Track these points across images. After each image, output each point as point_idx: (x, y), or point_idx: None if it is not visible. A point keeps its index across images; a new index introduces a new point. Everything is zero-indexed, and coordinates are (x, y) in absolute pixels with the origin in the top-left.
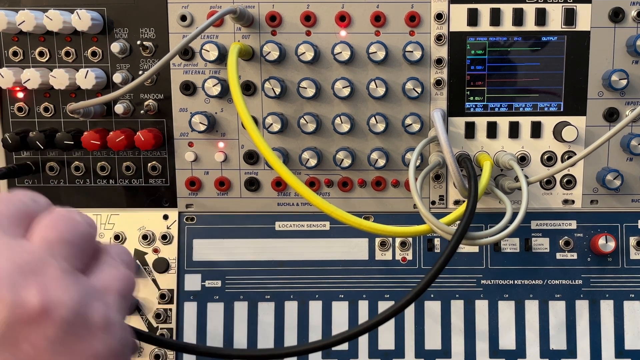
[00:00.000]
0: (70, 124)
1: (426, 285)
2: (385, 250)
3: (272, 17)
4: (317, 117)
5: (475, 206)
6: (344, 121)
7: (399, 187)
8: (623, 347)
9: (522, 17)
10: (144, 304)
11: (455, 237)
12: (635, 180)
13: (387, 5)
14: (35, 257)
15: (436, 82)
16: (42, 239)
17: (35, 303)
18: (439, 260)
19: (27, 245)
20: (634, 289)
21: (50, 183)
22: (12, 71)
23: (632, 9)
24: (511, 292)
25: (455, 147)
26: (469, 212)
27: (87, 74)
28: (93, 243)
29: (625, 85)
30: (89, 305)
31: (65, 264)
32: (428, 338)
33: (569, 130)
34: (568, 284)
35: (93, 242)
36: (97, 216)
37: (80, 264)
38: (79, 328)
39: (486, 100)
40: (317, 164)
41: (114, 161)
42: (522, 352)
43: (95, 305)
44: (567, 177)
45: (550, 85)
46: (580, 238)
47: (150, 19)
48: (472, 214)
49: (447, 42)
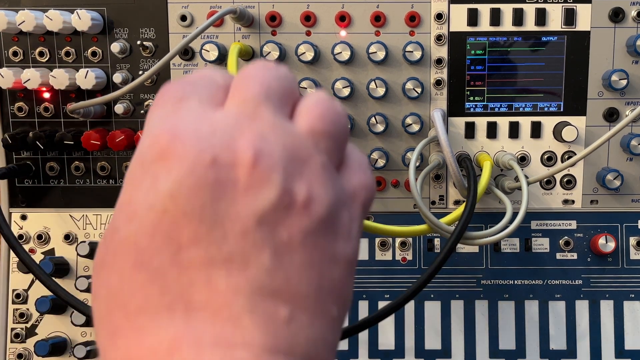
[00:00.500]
0: (70, 124)
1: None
2: (385, 251)
3: (272, 17)
4: None
5: (475, 205)
6: None
7: (399, 187)
8: (623, 347)
9: (522, 17)
10: None
11: (454, 234)
12: (635, 180)
13: (387, 5)
14: (304, 147)
15: (436, 82)
16: (309, 128)
17: (302, 195)
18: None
19: (297, 132)
20: (634, 289)
21: (50, 183)
22: (12, 71)
23: (632, 9)
24: (511, 292)
25: (455, 147)
26: (468, 211)
27: (87, 74)
28: (347, 141)
29: (625, 85)
30: (340, 210)
31: (327, 159)
32: (428, 338)
33: (569, 131)
34: (568, 284)
35: (347, 140)
36: (97, 216)
37: (337, 162)
38: (328, 230)
39: (486, 101)
40: None
41: (114, 161)
42: (522, 352)
43: (343, 212)
44: (567, 177)
45: (550, 85)
46: (580, 238)
47: (150, 19)
48: (472, 212)
49: (447, 42)
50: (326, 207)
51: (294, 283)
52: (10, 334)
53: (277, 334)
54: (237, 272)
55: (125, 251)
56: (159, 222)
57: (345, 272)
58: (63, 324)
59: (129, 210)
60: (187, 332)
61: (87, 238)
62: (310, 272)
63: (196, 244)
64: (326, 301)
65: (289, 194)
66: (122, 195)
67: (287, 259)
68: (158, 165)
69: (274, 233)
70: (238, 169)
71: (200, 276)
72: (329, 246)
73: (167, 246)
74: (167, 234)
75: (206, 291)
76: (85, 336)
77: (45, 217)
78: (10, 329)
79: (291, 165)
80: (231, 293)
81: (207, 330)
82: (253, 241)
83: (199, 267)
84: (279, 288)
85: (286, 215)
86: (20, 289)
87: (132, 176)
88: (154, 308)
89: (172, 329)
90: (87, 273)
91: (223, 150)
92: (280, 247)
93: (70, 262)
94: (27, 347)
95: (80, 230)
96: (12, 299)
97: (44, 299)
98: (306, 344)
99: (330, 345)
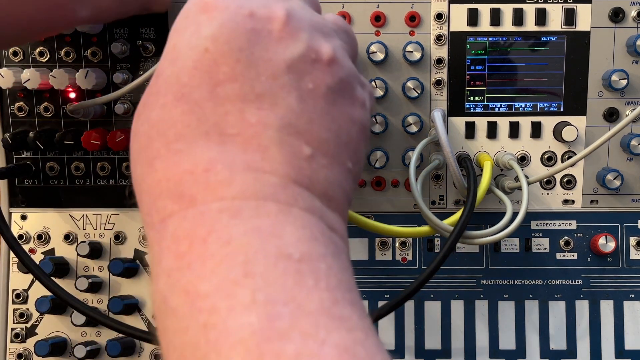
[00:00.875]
0: (70, 124)
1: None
2: (385, 250)
3: None
4: None
5: (474, 204)
6: None
7: (399, 187)
8: (623, 347)
9: (522, 17)
10: (144, 304)
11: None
12: (635, 180)
13: (387, 5)
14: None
15: (436, 82)
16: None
17: (327, 54)
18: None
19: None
20: (634, 289)
21: (50, 183)
22: (12, 71)
23: (632, 9)
24: (511, 292)
25: (455, 147)
26: (468, 210)
27: (87, 74)
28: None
29: (625, 85)
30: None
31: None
32: (428, 338)
33: (569, 130)
34: (568, 284)
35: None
36: (97, 216)
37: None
38: (346, 93)
39: (486, 100)
40: None
41: (114, 161)
42: (522, 352)
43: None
44: (567, 177)
45: (550, 85)
46: (580, 238)
47: (150, 19)
48: (471, 212)
49: (447, 42)
50: (346, 71)
51: (316, 128)
52: (10, 334)
53: (300, 169)
54: (267, 109)
55: (168, 87)
56: (200, 61)
57: (360, 134)
58: (63, 324)
59: (173, 54)
60: (221, 156)
61: (87, 238)
62: (330, 122)
63: (232, 80)
64: (342, 152)
65: (315, 51)
66: (167, 44)
67: (311, 105)
68: (202, 16)
69: (301, 81)
70: (272, 23)
71: (234, 109)
72: (347, 107)
73: (206, 82)
74: (207, 71)
75: (239, 122)
76: (85, 336)
77: (45, 217)
78: (10, 329)
79: (317, 33)
80: (261, 126)
81: (238, 155)
82: (282, 84)
83: (234, 100)
84: (303, 129)
85: (312, 68)
86: (20, 289)
87: (177, 27)
88: (192, 135)
89: (208, 153)
90: (87, 273)
91: (260, 8)
92: (306, 94)
93: (70, 262)
94: (27, 347)
95: (80, 230)
96: (12, 299)
97: (44, 299)
98: (325, 183)
99: (346, 192)
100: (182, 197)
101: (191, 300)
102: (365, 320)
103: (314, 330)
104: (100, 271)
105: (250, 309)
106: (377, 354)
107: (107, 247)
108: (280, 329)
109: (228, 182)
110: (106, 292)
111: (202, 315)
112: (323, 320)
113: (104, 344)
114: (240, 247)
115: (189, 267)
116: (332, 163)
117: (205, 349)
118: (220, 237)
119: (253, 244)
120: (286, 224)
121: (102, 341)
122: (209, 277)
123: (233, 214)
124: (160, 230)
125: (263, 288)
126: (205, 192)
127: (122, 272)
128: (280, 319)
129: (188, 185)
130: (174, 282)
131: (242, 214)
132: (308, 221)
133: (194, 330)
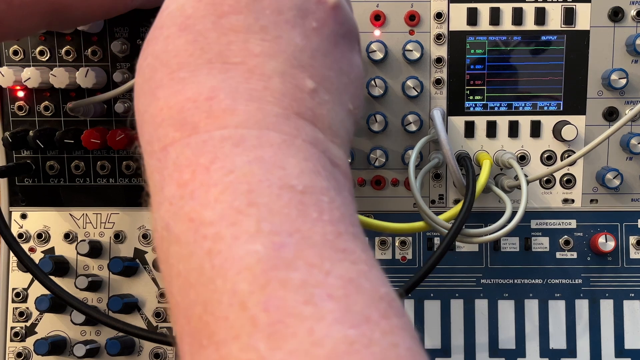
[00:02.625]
0: (70, 123)
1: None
2: (385, 249)
3: None
4: None
5: (473, 201)
6: None
7: (398, 186)
8: (623, 346)
9: (521, 17)
10: (144, 303)
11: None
12: (635, 179)
13: (386, 5)
14: None
15: (436, 81)
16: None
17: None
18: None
19: None
20: (634, 288)
21: (50, 182)
22: (13, 70)
23: (632, 9)
24: (511, 292)
25: (454, 146)
26: (467, 207)
27: (87, 72)
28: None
29: (624, 84)
30: (356, 36)
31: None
32: (428, 337)
33: (569, 130)
34: (568, 283)
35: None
36: (97, 215)
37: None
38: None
39: (486, 100)
40: None
41: (114, 160)
42: (521, 352)
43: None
44: (566, 176)
45: (549, 85)
46: (580, 237)
47: (151, 18)
48: (470, 208)
49: (446, 41)
50: (349, 20)
51: (319, 65)
52: (10, 333)
53: (302, 102)
54: (270, 41)
55: (172, 20)
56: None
57: (358, 80)
58: (63, 323)
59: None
60: (224, 85)
61: (87, 237)
62: (332, 62)
63: (236, 12)
64: (343, 93)
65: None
66: None
67: (314, 42)
68: None
69: (305, 18)
70: None
71: (237, 39)
72: (347, 52)
73: (210, 13)
74: (212, 3)
75: (242, 52)
76: (85, 335)
77: (45, 215)
78: (9, 328)
79: None
80: (264, 56)
81: (241, 84)
82: (286, 19)
83: (238, 31)
84: (306, 64)
85: (316, 8)
86: (20, 287)
87: None
88: (195, 63)
89: (211, 81)
90: (86, 272)
91: None
92: (309, 31)
93: (70, 260)
94: (26, 346)
95: (80, 229)
96: (11, 298)
97: (44, 298)
98: (328, 118)
99: (348, 131)
100: (184, 124)
101: (195, 227)
102: (368, 253)
103: (318, 261)
104: (100, 270)
105: (255, 238)
106: (381, 286)
107: (107, 246)
108: (286, 258)
109: (231, 110)
110: (106, 291)
111: (206, 242)
112: (327, 252)
113: (104, 342)
114: (244, 176)
115: (192, 195)
116: (334, 101)
117: (210, 274)
118: (224, 165)
119: (256, 173)
120: (289, 155)
121: (101, 340)
122: (213, 205)
123: (236, 143)
124: (161, 158)
125: (267, 218)
126: (207, 120)
127: (121, 271)
128: (286, 249)
129: (190, 113)
130: (177, 209)
131: (245, 143)
132: (311, 154)
133: (199, 256)
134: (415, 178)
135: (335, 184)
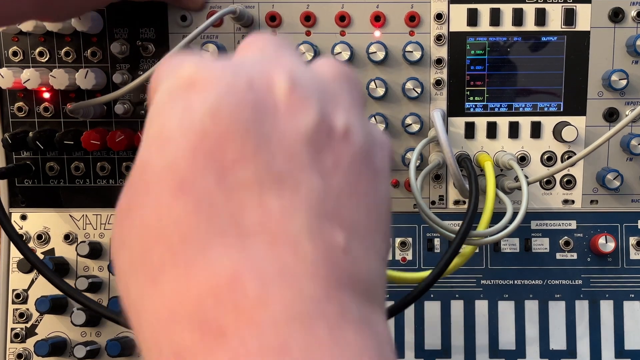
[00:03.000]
0: (70, 124)
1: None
2: None
3: (272, 17)
4: None
5: (477, 206)
6: None
7: (399, 187)
8: (623, 347)
9: (522, 17)
10: None
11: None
12: (635, 180)
13: (387, 5)
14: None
15: (436, 82)
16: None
17: (340, 124)
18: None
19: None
20: (634, 289)
21: (50, 183)
22: (12, 71)
23: (632, 9)
24: (511, 292)
25: (455, 147)
26: (471, 211)
27: (87, 74)
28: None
29: (625, 85)
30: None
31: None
32: (428, 338)
33: (569, 131)
34: (568, 284)
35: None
36: (97, 216)
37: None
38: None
39: (486, 100)
40: None
41: (113, 161)
42: (521, 352)
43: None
44: (567, 177)
45: (550, 85)
46: (580, 238)
47: (150, 19)
48: (474, 213)
49: (446, 42)
50: (364, 138)
51: (345, 209)
52: (10, 334)
53: (338, 264)
54: (289, 194)
55: (162, 180)
56: (200, 143)
57: (387, 212)
58: (63, 324)
59: (161, 139)
60: (247, 262)
61: (87, 238)
62: (358, 201)
63: (243, 164)
64: (376, 236)
65: (327, 121)
66: (149, 128)
67: (336, 183)
68: (190, 92)
69: (321, 157)
70: (276, 93)
71: (250, 198)
72: (372, 180)
73: (210, 168)
74: (210, 155)
75: (259, 214)
76: (85, 336)
77: (45, 217)
78: (10, 329)
79: (324, 98)
80: (286, 216)
81: (267, 258)
82: (301, 163)
83: (249, 188)
84: (332, 212)
85: (328, 141)
86: (20, 289)
87: (159, 108)
88: (204, 236)
89: (228, 259)
90: (87, 273)
91: (257, 76)
92: (328, 172)
93: (70, 262)
94: (26, 347)
95: (80, 230)
96: (12, 299)
97: (44, 299)
98: (367, 277)
99: (385, 283)
100: (204, 326)
101: None
102: None
103: None
104: (100, 271)
105: None
106: None
107: (107, 247)
108: None
109: (263, 300)
110: (106, 292)
111: None
112: None
113: (104, 344)
114: None
115: None
116: (368, 250)
117: None
118: None
119: None
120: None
121: (102, 341)
122: None
123: (278, 352)
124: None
125: None
126: (236, 318)
127: None
128: None
129: (211, 308)
130: None
131: (291, 351)
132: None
133: None
134: (415, 179)
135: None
